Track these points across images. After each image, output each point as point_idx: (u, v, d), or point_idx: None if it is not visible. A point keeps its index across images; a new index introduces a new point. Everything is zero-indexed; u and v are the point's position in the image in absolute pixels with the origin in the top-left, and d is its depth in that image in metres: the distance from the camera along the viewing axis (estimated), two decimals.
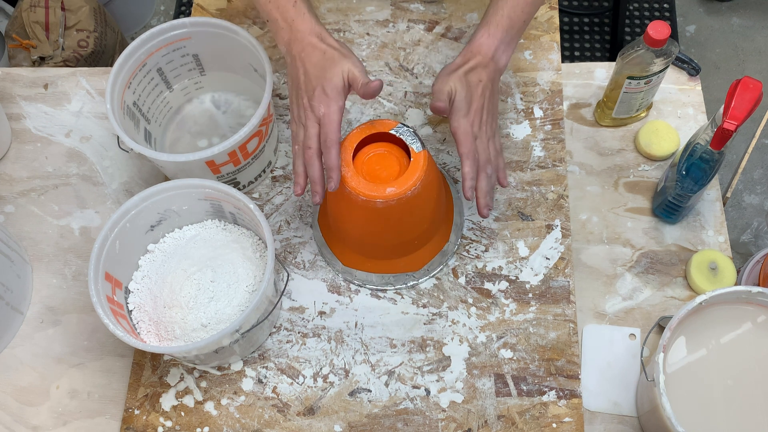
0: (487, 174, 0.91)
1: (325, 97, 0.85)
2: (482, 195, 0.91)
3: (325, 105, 0.85)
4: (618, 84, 1.03)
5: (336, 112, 0.85)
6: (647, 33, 0.94)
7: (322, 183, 0.87)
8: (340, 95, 0.86)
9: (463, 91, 0.89)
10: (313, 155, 0.86)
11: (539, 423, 0.92)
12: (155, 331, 0.93)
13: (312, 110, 0.86)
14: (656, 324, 0.94)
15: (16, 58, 1.71)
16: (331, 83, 0.85)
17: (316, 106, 0.86)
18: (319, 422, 0.93)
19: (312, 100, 0.86)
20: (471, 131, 0.89)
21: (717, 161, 0.93)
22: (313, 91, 0.86)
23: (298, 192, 0.89)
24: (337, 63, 0.86)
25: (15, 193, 1.11)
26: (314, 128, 0.86)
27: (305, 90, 0.87)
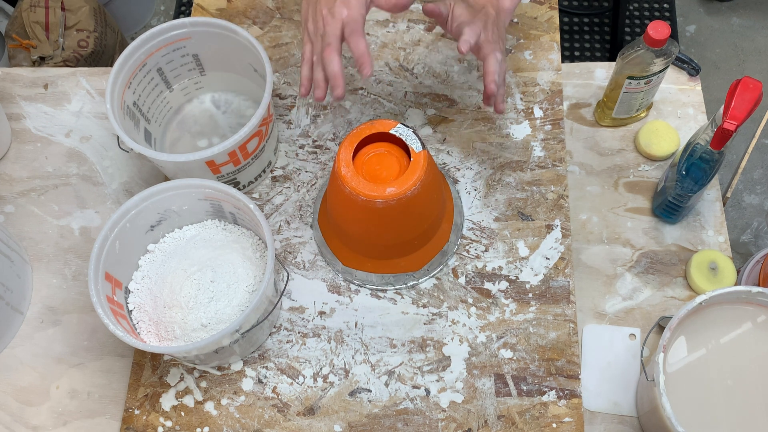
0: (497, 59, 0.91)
1: (348, 3, 0.84)
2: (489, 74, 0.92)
3: (347, 8, 0.84)
4: (618, 84, 1.03)
5: (360, 14, 0.84)
6: (647, 33, 0.94)
7: (342, 77, 0.85)
8: (363, 5, 0.85)
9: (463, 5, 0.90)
10: (332, 51, 0.84)
11: (539, 423, 0.92)
12: (155, 331, 0.93)
13: (332, 15, 0.85)
14: (656, 324, 0.94)
15: (16, 58, 1.71)
16: None
17: (338, 11, 0.84)
18: (319, 422, 0.93)
19: (333, 7, 0.85)
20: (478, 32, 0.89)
21: (717, 161, 0.93)
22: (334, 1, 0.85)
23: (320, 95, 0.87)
24: None
25: (15, 193, 1.11)
26: (335, 28, 0.84)
27: (325, 1, 0.86)
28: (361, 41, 0.84)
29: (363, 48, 0.84)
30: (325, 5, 0.86)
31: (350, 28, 0.84)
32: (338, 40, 0.85)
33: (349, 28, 0.84)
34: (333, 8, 0.85)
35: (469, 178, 1.06)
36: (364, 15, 0.85)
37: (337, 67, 0.85)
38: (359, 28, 0.84)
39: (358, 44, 0.84)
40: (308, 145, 1.10)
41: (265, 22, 1.19)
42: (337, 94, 0.86)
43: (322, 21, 0.86)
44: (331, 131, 1.10)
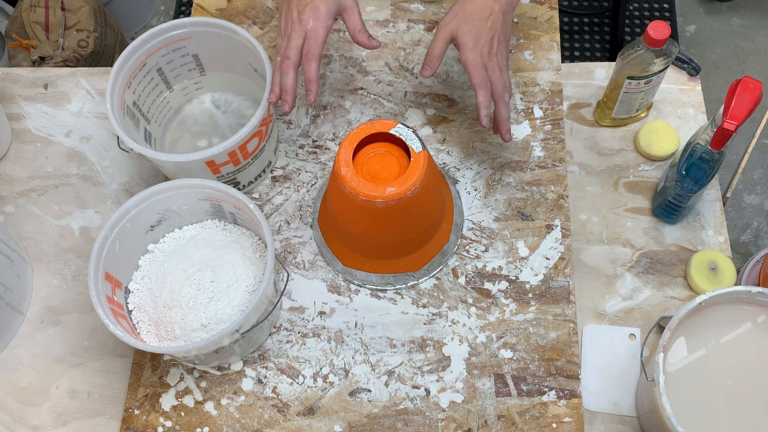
0: (506, 102, 0.94)
1: (316, 13, 0.89)
2: (503, 121, 0.95)
3: (314, 19, 0.89)
4: (618, 84, 1.03)
5: (323, 28, 0.89)
6: (647, 33, 0.94)
7: (293, 94, 0.90)
8: (330, 16, 0.90)
9: (467, 26, 0.91)
10: (290, 65, 0.89)
11: (539, 423, 0.92)
12: (155, 331, 0.93)
13: (300, 23, 0.89)
14: (656, 324, 0.94)
15: (16, 58, 1.71)
16: (324, 4, 0.89)
17: (305, 18, 0.89)
18: (319, 422, 0.93)
19: (302, 13, 0.89)
20: (481, 62, 0.92)
21: (717, 161, 0.93)
22: (305, 6, 0.89)
23: (273, 99, 0.92)
24: None
25: (15, 193, 1.11)
26: (298, 40, 0.89)
27: (297, 3, 0.90)
28: (311, 66, 0.89)
29: (312, 74, 0.89)
30: (296, 7, 0.90)
31: (308, 47, 0.89)
32: (298, 53, 0.89)
33: (307, 45, 0.89)
34: (302, 14, 0.89)
35: (469, 178, 1.06)
36: (328, 28, 0.90)
37: (290, 83, 0.90)
38: (317, 49, 0.89)
39: (308, 69, 0.90)
40: (308, 145, 1.10)
41: (265, 22, 1.19)
42: (284, 110, 0.90)
43: (290, 24, 0.90)
44: (331, 131, 1.10)
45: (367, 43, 0.93)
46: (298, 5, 0.90)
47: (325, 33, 0.90)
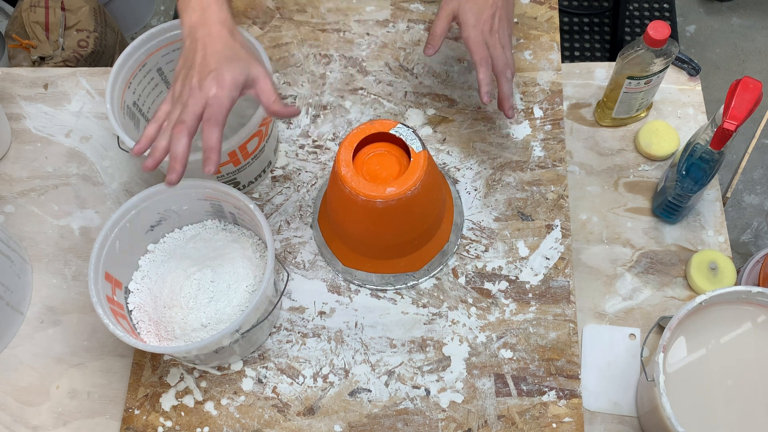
0: (508, 78, 0.94)
1: (220, 81, 0.79)
2: (506, 98, 0.95)
3: (218, 87, 0.79)
4: (618, 84, 1.03)
5: (228, 98, 0.79)
6: (647, 33, 0.94)
7: (184, 162, 0.79)
8: (236, 87, 0.80)
9: (468, 4, 0.90)
10: (184, 130, 0.78)
11: (539, 423, 0.92)
12: (155, 331, 0.93)
13: (200, 89, 0.79)
14: (656, 324, 0.94)
15: (16, 58, 1.71)
16: (231, 72, 0.80)
17: (207, 86, 0.79)
18: (319, 422, 0.93)
19: (204, 80, 0.79)
20: (482, 39, 0.91)
21: (717, 161, 0.93)
22: (208, 73, 0.80)
23: (150, 165, 0.79)
24: (242, 60, 0.82)
25: (15, 193, 1.11)
26: (197, 107, 0.79)
27: (198, 70, 0.80)
28: (214, 133, 0.79)
29: (214, 141, 0.79)
30: (198, 73, 0.81)
31: (210, 112, 0.79)
32: (196, 119, 0.79)
33: (209, 111, 0.79)
34: (204, 80, 0.80)
35: (469, 178, 1.06)
36: (234, 99, 0.80)
37: (181, 150, 0.79)
38: (221, 115, 0.79)
39: (210, 135, 0.79)
40: (308, 145, 1.10)
41: (265, 22, 1.19)
42: (170, 179, 0.79)
43: (189, 90, 0.80)
44: (331, 131, 1.10)
45: (285, 111, 0.83)
46: (199, 72, 0.80)
47: (229, 103, 0.80)
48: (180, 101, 0.81)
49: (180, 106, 0.80)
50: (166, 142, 0.80)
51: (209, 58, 0.81)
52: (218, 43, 0.82)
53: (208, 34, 0.82)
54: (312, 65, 1.15)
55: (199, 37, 0.82)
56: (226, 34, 0.83)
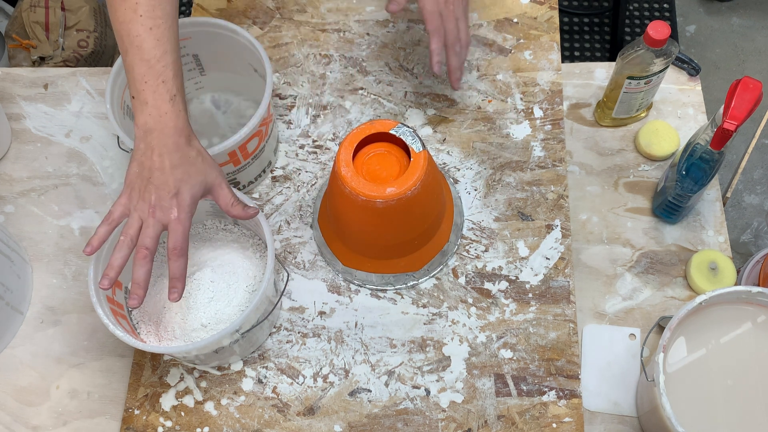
0: (456, 51, 0.97)
1: (181, 201, 0.79)
2: (453, 70, 0.99)
3: (178, 209, 0.79)
4: (618, 84, 1.03)
5: (189, 218, 0.80)
6: (647, 33, 0.94)
7: (145, 288, 0.79)
8: (195, 204, 0.81)
9: None
10: (147, 256, 0.78)
11: (539, 423, 0.92)
12: (155, 331, 0.93)
13: (161, 210, 0.79)
14: (656, 324, 0.94)
15: (16, 58, 1.71)
16: (190, 191, 0.80)
17: (167, 207, 0.79)
18: (319, 422, 0.93)
19: (163, 200, 0.79)
20: (437, 9, 0.93)
21: (717, 161, 0.93)
22: (168, 193, 0.79)
23: (105, 285, 0.79)
24: (199, 170, 0.81)
25: (15, 193, 1.11)
26: (156, 228, 0.79)
27: (157, 186, 0.79)
28: (180, 264, 0.79)
29: (180, 272, 0.79)
30: (156, 189, 0.79)
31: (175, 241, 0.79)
32: (157, 241, 0.79)
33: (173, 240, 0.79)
34: (163, 201, 0.79)
35: (469, 178, 1.06)
36: (192, 214, 0.81)
37: (144, 277, 0.79)
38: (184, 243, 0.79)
39: (176, 267, 0.79)
40: (308, 145, 1.10)
41: (265, 22, 1.19)
42: (132, 305, 0.79)
43: (149, 208, 0.79)
44: (331, 131, 1.10)
45: (243, 214, 0.84)
46: (158, 189, 0.79)
47: (189, 223, 0.80)
48: (137, 213, 0.79)
49: (137, 220, 0.79)
50: (122, 261, 0.79)
51: (168, 176, 0.79)
52: (175, 156, 0.79)
53: (165, 145, 0.79)
54: (312, 65, 1.15)
55: (155, 146, 0.79)
56: (183, 143, 0.80)
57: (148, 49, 0.80)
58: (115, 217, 0.81)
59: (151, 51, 0.80)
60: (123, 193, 0.81)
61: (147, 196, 0.79)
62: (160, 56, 0.80)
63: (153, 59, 0.80)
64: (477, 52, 1.14)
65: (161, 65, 0.80)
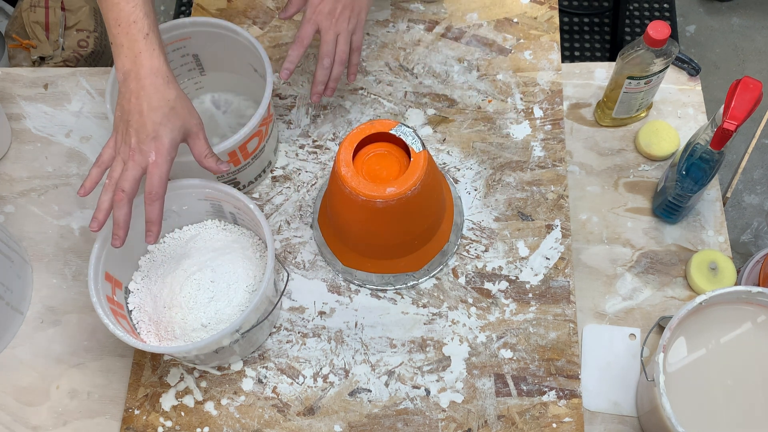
0: (324, 66, 0.97)
1: (159, 146, 0.80)
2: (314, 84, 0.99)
3: (156, 153, 0.80)
4: (618, 84, 1.03)
5: (167, 162, 0.81)
6: (647, 33, 0.94)
7: (126, 228, 0.81)
8: (174, 148, 0.82)
9: None
10: (124, 198, 0.80)
11: (539, 423, 0.92)
12: (155, 331, 0.93)
13: (140, 153, 0.80)
14: (656, 324, 0.94)
15: (16, 58, 1.71)
16: (169, 135, 0.81)
17: (146, 150, 0.80)
18: (319, 422, 0.93)
19: (143, 143, 0.80)
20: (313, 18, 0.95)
21: (717, 161, 0.93)
22: (147, 136, 0.80)
23: (95, 227, 0.82)
24: (178, 115, 0.82)
25: (15, 193, 1.11)
26: (135, 171, 0.80)
27: (137, 129, 0.80)
28: (155, 208, 0.81)
29: (155, 216, 0.81)
30: (135, 132, 0.80)
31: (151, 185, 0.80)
32: (135, 184, 0.80)
33: (150, 183, 0.80)
34: (143, 144, 0.80)
35: (469, 178, 1.06)
36: (172, 158, 0.82)
37: (123, 218, 0.81)
38: (161, 188, 0.80)
39: (151, 210, 0.81)
40: (308, 145, 1.10)
41: (265, 22, 1.19)
42: (114, 244, 0.82)
43: (128, 150, 0.81)
44: (331, 131, 1.10)
45: (215, 168, 0.85)
46: (138, 132, 0.80)
47: (168, 167, 0.81)
48: (119, 155, 0.82)
49: (120, 163, 0.81)
50: (108, 204, 0.82)
51: (146, 119, 0.80)
52: (153, 98, 0.81)
53: (142, 87, 0.80)
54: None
55: (133, 90, 0.81)
56: (161, 84, 0.81)
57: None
58: (104, 159, 0.83)
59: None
60: (111, 136, 0.84)
61: (128, 140, 0.81)
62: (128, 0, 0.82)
63: (122, 2, 0.82)
64: (477, 52, 1.14)
65: (130, 6, 0.82)
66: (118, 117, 0.83)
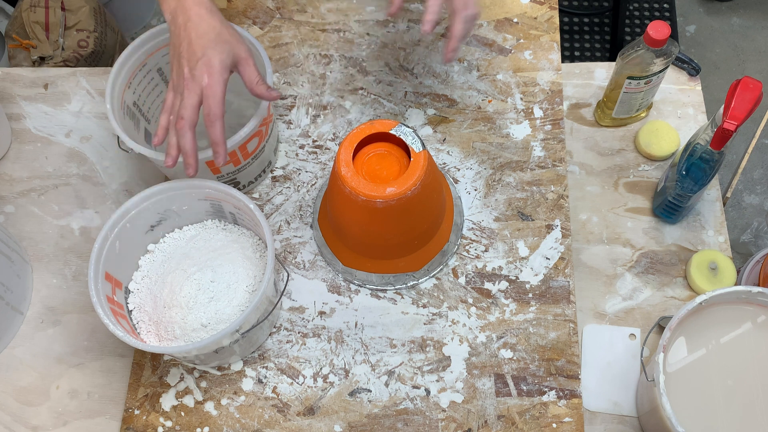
0: (463, 18, 0.86)
1: (210, 68, 0.82)
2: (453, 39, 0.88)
3: (208, 75, 0.82)
4: (618, 84, 1.03)
5: (220, 83, 0.83)
6: (647, 33, 0.94)
7: (194, 155, 0.84)
8: (225, 70, 0.83)
9: None
10: (185, 125, 0.83)
11: (539, 423, 0.92)
12: (155, 331, 0.93)
13: (193, 79, 0.82)
14: (656, 324, 0.94)
15: (16, 58, 1.71)
16: (218, 56, 0.83)
17: (198, 75, 0.82)
18: (319, 422, 0.93)
19: (194, 69, 0.82)
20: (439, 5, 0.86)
21: (717, 161, 0.93)
22: (197, 61, 0.82)
23: (170, 163, 0.85)
24: (225, 40, 0.84)
25: (15, 193, 1.11)
26: (192, 98, 0.83)
27: (187, 58, 0.83)
28: (216, 128, 0.83)
29: (218, 136, 0.84)
30: (187, 62, 0.83)
31: (208, 106, 0.82)
32: (195, 111, 0.83)
33: (207, 105, 0.82)
34: (194, 69, 0.82)
35: (469, 178, 1.06)
36: (225, 81, 0.83)
37: (189, 145, 0.83)
38: (217, 108, 0.82)
39: (213, 131, 0.84)
40: (308, 145, 1.10)
41: (265, 22, 1.19)
42: (189, 174, 0.85)
43: (182, 81, 0.83)
44: (331, 131, 1.10)
45: (266, 94, 0.87)
46: (189, 60, 0.83)
47: (222, 89, 0.83)
48: (177, 91, 0.84)
49: (178, 96, 0.84)
50: (174, 139, 0.84)
51: (194, 45, 0.83)
52: (200, 26, 0.83)
53: (188, 18, 0.84)
54: (312, 65, 1.15)
55: (181, 23, 0.84)
56: (205, 14, 0.84)
57: None
58: (168, 104, 0.86)
59: None
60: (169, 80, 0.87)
61: (181, 71, 0.83)
62: None
63: None
64: (477, 52, 1.14)
65: None
66: (172, 56, 0.85)
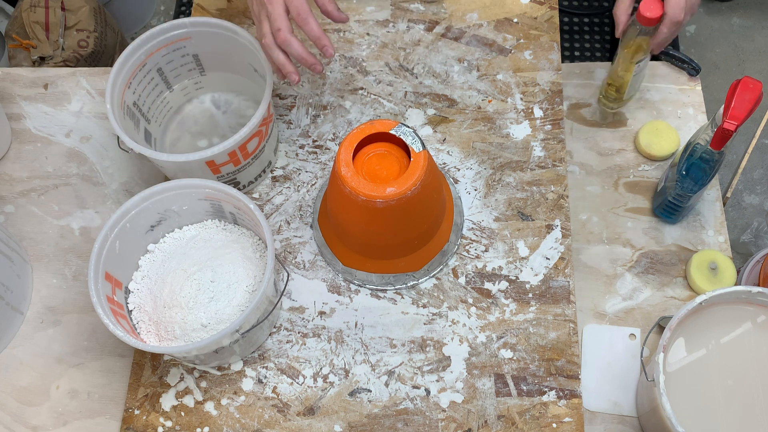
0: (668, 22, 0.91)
1: None
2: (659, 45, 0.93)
3: None
4: (627, 70, 1.02)
5: None
6: (639, 12, 0.93)
7: (310, 55, 0.87)
8: None
9: None
10: (284, 35, 0.86)
11: (539, 423, 0.92)
12: (155, 331, 0.93)
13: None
14: (656, 324, 0.94)
15: (16, 58, 1.71)
16: None
17: None
18: (319, 422, 0.93)
19: None
20: None
21: (717, 161, 0.93)
22: None
23: (295, 79, 0.88)
24: None
25: (15, 193, 1.11)
26: (278, 8, 0.85)
27: None
28: (311, 24, 0.86)
29: (316, 31, 0.86)
30: None
31: (296, 8, 0.85)
32: (286, 18, 0.85)
33: (295, 8, 0.85)
34: None
35: (469, 178, 1.06)
36: None
37: (298, 49, 0.87)
38: (302, 4, 0.85)
39: (309, 28, 0.86)
40: (308, 145, 1.10)
41: None
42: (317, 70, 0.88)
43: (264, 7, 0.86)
44: (331, 131, 1.10)
45: (336, 14, 0.90)
46: None
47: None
48: (262, 16, 0.87)
49: (265, 19, 0.87)
50: (283, 56, 0.88)
51: None
52: None
53: None
54: None
55: None
56: None
57: None
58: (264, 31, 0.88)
59: None
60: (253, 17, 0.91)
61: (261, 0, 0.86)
62: None
63: None
64: (477, 52, 1.14)
65: None
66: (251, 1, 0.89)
